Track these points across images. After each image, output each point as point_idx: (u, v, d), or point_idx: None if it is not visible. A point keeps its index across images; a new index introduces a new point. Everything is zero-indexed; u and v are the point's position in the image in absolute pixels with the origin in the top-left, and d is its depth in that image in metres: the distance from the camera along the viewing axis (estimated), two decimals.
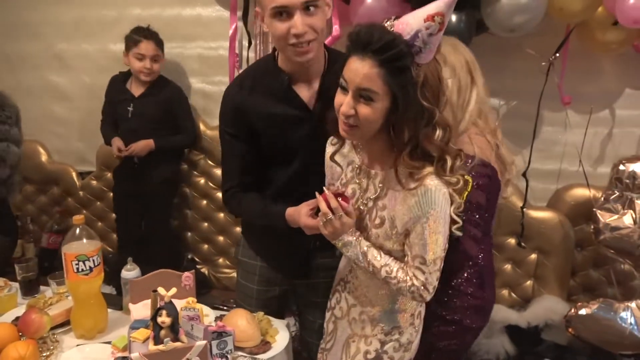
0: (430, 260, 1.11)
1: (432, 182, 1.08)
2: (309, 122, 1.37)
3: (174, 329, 1.10)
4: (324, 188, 1.19)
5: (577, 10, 1.68)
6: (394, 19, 1.02)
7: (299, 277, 1.58)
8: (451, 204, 1.11)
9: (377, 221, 1.17)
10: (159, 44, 2.50)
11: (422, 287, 1.13)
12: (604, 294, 2.18)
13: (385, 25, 1.02)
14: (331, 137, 1.28)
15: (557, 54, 1.89)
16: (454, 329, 1.41)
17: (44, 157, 3.04)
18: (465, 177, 1.16)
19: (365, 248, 1.17)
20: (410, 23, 0.98)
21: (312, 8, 1.22)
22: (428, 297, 1.16)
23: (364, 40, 1.00)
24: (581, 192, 2.18)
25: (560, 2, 1.67)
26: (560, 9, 1.67)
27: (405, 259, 1.16)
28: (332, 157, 1.26)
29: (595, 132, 2.16)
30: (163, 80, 2.57)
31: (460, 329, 1.42)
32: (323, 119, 1.26)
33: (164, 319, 1.08)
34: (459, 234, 1.15)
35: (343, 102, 1.06)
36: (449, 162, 1.09)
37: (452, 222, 1.13)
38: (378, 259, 1.16)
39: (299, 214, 1.30)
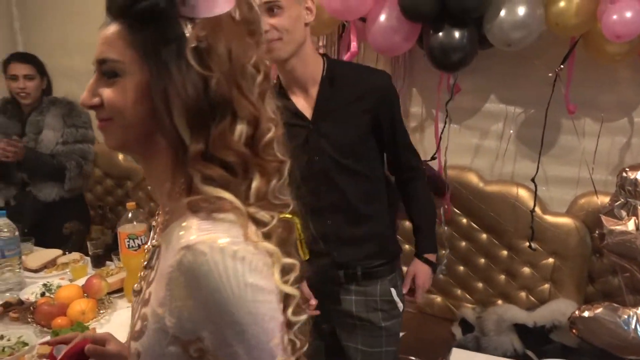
0: None
1: (214, 241, 0.56)
2: (304, 129, 1.36)
3: None
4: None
5: (572, 25, 1.72)
6: None
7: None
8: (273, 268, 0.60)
9: (138, 325, 0.64)
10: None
11: None
12: (623, 301, 2.10)
13: None
14: None
15: (562, 65, 1.92)
16: None
17: (120, 156, 3.41)
18: (287, 215, 0.66)
19: None
20: None
21: (275, 9, 1.28)
22: None
23: None
24: (599, 199, 2.15)
25: (556, 17, 1.72)
26: (556, 24, 1.73)
27: None
28: None
29: (613, 140, 2.14)
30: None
31: None
32: (316, 130, 1.31)
33: None
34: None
35: None
36: (256, 183, 0.62)
37: (287, 296, 0.61)
38: None
39: None
